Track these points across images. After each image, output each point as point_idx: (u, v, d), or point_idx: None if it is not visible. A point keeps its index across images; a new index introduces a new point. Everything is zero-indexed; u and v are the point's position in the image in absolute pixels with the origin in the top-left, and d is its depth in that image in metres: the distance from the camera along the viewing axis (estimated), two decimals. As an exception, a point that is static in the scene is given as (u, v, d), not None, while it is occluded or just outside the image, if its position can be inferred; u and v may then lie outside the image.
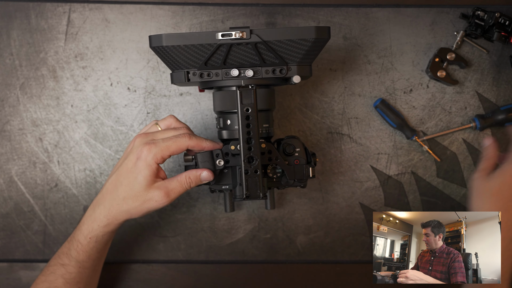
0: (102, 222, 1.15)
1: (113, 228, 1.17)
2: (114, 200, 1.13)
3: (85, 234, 1.16)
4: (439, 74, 1.36)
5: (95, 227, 1.15)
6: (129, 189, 1.11)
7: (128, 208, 1.13)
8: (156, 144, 1.10)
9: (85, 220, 1.17)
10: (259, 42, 1.10)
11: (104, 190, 1.15)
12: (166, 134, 1.13)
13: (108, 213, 1.14)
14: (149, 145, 1.09)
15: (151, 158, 1.09)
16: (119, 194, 1.12)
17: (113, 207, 1.13)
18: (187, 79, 1.13)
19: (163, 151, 1.10)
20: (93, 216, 1.16)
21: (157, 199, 1.12)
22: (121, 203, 1.13)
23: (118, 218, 1.15)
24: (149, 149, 1.09)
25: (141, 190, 1.11)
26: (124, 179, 1.12)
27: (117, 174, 1.13)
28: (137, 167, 1.10)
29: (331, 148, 1.40)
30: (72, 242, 1.18)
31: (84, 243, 1.17)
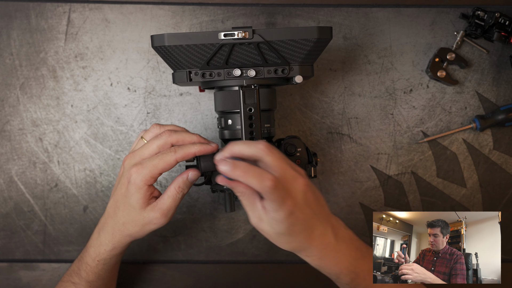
0: (108, 246, 1.14)
1: (120, 251, 1.17)
2: (116, 225, 1.12)
3: (92, 257, 1.16)
4: (439, 74, 1.37)
5: (101, 251, 1.15)
6: (126, 214, 1.09)
7: (130, 233, 1.12)
8: (143, 165, 1.05)
9: (92, 243, 1.16)
10: (261, 42, 1.10)
11: (106, 214, 1.14)
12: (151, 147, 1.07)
13: (112, 238, 1.13)
14: (137, 167, 1.05)
15: (140, 181, 1.05)
16: (119, 220, 1.11)
17: (116, 232, 1.12)
18: (189, 79, 1.13)
19: (151, 171, 1.05)
20: (99, 240, 1.15)
21: (155, 221, 1.09)
22: (122, 228, 1.11)
23: (123, 241, 1.14)
24: (137, 171, 1.05)
25: (137, 215, 1.09)
26: (120, 204, 1.10)
27: (114, 199, 1.12)
28: (129, 191, 1.07)
29: (331, 148, 1.40)
30: (81, 263, 1.18)
31: (93, 265, 1.17)
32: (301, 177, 0.98)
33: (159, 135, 1.08)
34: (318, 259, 1.06)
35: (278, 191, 0.94)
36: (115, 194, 1.11)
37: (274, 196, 0.94)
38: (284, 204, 0.95)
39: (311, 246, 1.03)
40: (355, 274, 1.09)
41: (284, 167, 0.97)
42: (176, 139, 1.07)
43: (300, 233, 1.01)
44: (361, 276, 1.10)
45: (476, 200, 1.41)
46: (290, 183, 0.97)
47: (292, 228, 0.99)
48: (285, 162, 0.98)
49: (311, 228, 1.02)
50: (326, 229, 1.04)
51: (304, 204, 0.99)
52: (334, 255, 1.06)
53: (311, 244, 1.03)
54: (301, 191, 0.98)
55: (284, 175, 0.97)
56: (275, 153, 0.97)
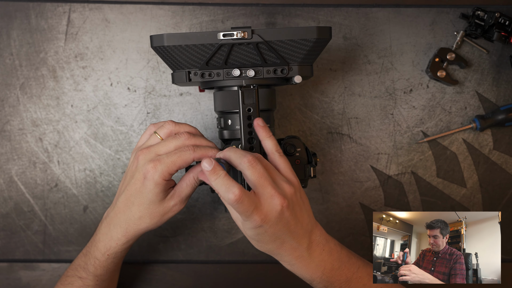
0: (121, 240, 1.14)
1: (131, 244, 1.17)
2: (130, 219, 1.11)
3: (102, 251, 1.16)
4: (439, 74, 1.37)
5: (113, 245, 1.15)
6: (144, 208, 1.10)
7: (147, 226, 1.12)
8: (161, 161, 1.06)
9: (101, 238, 1.16)
10: (260, 42, 1.10)
11: (116, 209, 1.13)
12: (168, 145, 1.08)
13: (126, 232, 1.13)
14: (154, 163, 1.06)
15: (158, 177, 1.06)
16: (134, 214, 1.11)
17: (130, 226, 1.12)
18: (188, 79, 1.13)
19: (169, 167, 1.05)
20: (110, 234, 1.14)
21: (175, 209, 1.11)
22: (138, 222, 1.11)
23: (137, 235, 1.14)
24: (154, 167, 1.05)
25: (156, 207, 1.09)
26: (135, 199, 1.10)
27: (126, 194, 1.11)
28: (146, 187, 1.07)
29: (331, 148, 1.40)
30: (88, 257, 1.18)
31: (102, 259, 1.16)
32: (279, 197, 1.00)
33: (178, 135, 1.09)
34: (289, 265, 1.10)
35: (243, 205, 0.97)
36: (128, 189, 1.11)
37: (239, 209, 0.97)
38: (250, 218, 0.99)
39: (281, 254, 1.07)
40: (328, 283, 1.11)
41: (263, 184, 1.00)
42: (194, 143, 1.09)
43: (268, 243, 1.05)
44: (336, 285, 1.11)
45: (476, 200, 1.41)
46: (266, 200, 1.00)
47: (259, 237, 1.04)
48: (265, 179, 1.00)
49: (281, 241, 1.05)
50: (300, 245, 1.07)
51: (276, 221, 1.01)
52: (305, 265, 1.09)
53: (280, 253, 1.07)
54: (276, 210, 1.00)
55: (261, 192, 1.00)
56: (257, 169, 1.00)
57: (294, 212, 1.04)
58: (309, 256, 1.08)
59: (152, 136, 1.13)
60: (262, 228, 1.00)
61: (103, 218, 1.17)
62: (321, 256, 1.09)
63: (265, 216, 0.99)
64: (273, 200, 0.99)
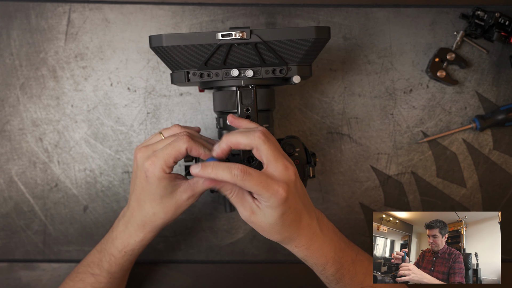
0: (139, 237, 1.15)
1: (149, 241, 1.17)
2: (146, 216, 1.12)
3: (119, 248, 1.16)
4: (439, 74, 1.37)
5: (131, 242, 1.15)
6: (156, 204, 1.10)
7: (163, 221, 1.12)
8: (157, 156, 1.06)
9: (119, 235, 1.16)
10: (259, 42, 1.10)
11: (131, 209, 1.14)
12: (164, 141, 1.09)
13: (144, 228, 1.13)
14: (151, 159, 1.06)
15: (158, 171, 1.06)
16: (148, 211, 1.11)
17: (147, 223, 1.13)
18: (187, 79, 1.13)
19: (166, 160, 1.05)
20: (128, 232, 1.15)
21: (189, 202, 1.11)
22: (153, 219, 1.12)
23: (155, 230, 1.15)
24: (152, 163, 1.06)
25: (168, 200, 1.09)
26: (145, 197, 1.10)
27: (136, 194, 1.12)
28: (151, 184, 1.07)
29: (331, 148, 1.40)
30: (103, 254, 1.18)
31: (119, 256, 1.17)
32: (292, 167, 1.01)
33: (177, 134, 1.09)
34: (305, 249, 1.08)
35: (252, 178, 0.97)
36: (136, 188, 1.11)
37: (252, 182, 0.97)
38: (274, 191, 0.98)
39: (300, 235, 1.06)
40: (340, 264, 1.11)
41: (278, 157, 1.00)
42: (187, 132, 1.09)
43: (290, 223, 1.03)
44: (345, 266, 1.12)
45: (476, 200, 1.41)
46: (281, 172, 1.00)
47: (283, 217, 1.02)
48: (278, 152, 1.01)
49: (300, 217, 1.05)
50: (312, 219, 1.07)
51: (295, 192, 1.02)
52: (320, 244, 1.08)
53: (299, 234, 1.06)
54: (292, 180, 1.01)
55: (275, 165, 1.00)
56: (271, 143, 1.00)
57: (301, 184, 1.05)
58: (322, 233, 1.08)
59: (156, 135, 1.14)
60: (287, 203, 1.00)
61: (120, 216, 1.18)
62: (329, 234, 1.10)
63: (287, 186, 0.99)
64: (288, 170, 1.00)
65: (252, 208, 1.03)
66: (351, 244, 1.15)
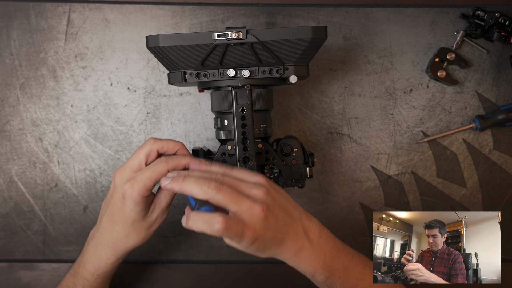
0: (110, 260, 1.15)
1: (120, 262, 1.18)
2: (116, 238, 1.12)
3: (91, 271, 1.16)
4: (439, 74, 1.36)
5: (102, 265, 1.15)
6: (128, 226, 1.10)
7: (134, 242, 1.13)
8: (136, 179, 1.06)
9: (90, 258, 1.16)
10: (255, 42, 1.10)
11: (102, 229, 1.14)
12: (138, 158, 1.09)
13: (115, 251, 1.14)
14: (131, 182, 1.06)
15: (136, 195, 1.05)
16: (119, 233, 1.11)
17: (118, 245, 1.13)
18: (184, 79, 1.13)
19: (145, 184, 1.05)
20: (98, 255, 1.15)
21: (158, 220, 1.12)
22: (125, 241, 1.12)
23: (125, 252, 1.15)
24: (131, 187, 1.05)
25: (140, 224, 1.10)
26: (118, 219, 1.10)
27: (109, 214, 1.12)
28: (126, 206, 1.07)
29: (331, 148, 1.40)
30: (77, 278, 1.18)
31: (91, 279, 1.17)
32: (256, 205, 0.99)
33: (144, 143, 1.09)
34: (292, 261, 1.08)
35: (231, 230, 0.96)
36: (109, 209, 1.11)
37: (230, 235, 0.97)
38: (243, 237, 0.98)
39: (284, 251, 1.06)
40: (329, 273, 1.10)
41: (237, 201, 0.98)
42: (161, 146, 1.09)
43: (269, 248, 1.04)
44: (335, 274, 1.11)
45: (476, 200, 1.40)
46: (246, 214, 0.99)
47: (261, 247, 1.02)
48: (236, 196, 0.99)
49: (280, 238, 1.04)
50: (297, 234, 1.06)
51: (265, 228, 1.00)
52: (308, 255, 1.08)
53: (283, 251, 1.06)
54: (260, 219, 0.99)
55: (239, 209, 0.98)
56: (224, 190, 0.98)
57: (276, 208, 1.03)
58: (309, 243, 1.07)
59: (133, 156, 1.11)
60: (257, 241, 1.00)
61: (89, 238, 1.18)
62: (319, 243, 1.09)
63: (255, 229, 0.99)
64: (253, 210, 0.98)
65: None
66: (345, 249, 1.14)
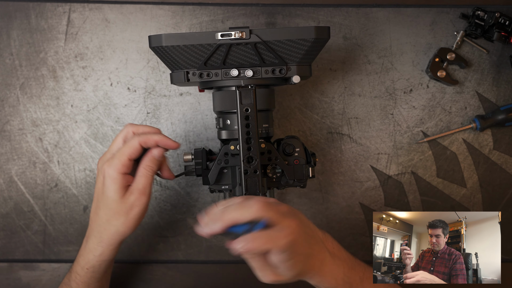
0: (97, 251, 1.15)
1: (109, 257, 1.17)
2: (100, 226, 1.13)
3: (82, 265, 1.17)
4: (439, 74, 1.36)
5: (90, 258, 1.16)
6: (108, 209, 1.11)
7: (116, 228, 1.12)
8: (114, 157, 1.10)
9: (81, 252, 1.18)
10: (258, 42, 1.10)
11: (90, 221, 1.16)
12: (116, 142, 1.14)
13: (100, 240, 1.14)
14: (108, 161, 1.10)
15: (113, 171, 1.09)
16: (102, 218, 1.12)
17: (102, 233, 1.13)
18: (187, 79, 1.13)
19: (120, 159, 1.09)
20: (87, 247, 1.16)
21: (137, 203, 1.11)
22: (107, 227, 1.13)
23: (111, 242, 1.15)
24: (108, 165, 1.09)
25: (118, 204, 1.10)
26: (100, 203, 1.12)
27: (94, 202, 1.14)
28: (105, 186, 1.10)
29: (331, 148, 1.40)
30: (71, 273, 1.20)
31: (82, 273, 1.18)
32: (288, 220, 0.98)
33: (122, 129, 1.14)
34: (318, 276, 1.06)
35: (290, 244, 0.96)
36: (94, 196, 1.14)
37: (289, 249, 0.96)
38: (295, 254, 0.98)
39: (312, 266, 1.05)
40: (349, 285, 1.10)
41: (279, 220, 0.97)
42: (137, 128, 1.13)
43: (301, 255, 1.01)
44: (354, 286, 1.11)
45: (476, 200, 1.41)
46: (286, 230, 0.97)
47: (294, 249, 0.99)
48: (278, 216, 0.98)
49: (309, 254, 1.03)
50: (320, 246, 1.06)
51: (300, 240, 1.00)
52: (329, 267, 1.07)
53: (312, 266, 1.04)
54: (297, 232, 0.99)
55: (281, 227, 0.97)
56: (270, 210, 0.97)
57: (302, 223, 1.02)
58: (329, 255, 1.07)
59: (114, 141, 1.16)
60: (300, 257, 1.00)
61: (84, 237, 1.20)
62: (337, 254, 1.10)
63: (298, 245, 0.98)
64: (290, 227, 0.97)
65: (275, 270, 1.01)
66: (357, 261, 1.14)
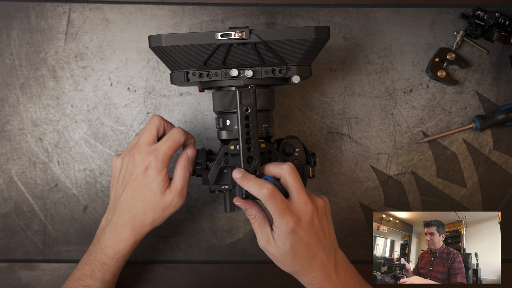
0: (129, 241, 1.16)
1: (138, 243, 1.19)
2: (136, 217, 1.14)
3: (111, 256, 1.17)
4: (439, 74, 1.36)
5: (122, 247, 1.17)
6: (147, 201, 1.13)
7: (152, 220, 1.15)
8: (158, 150, 1.12)
9: (108, 243, 1.17)
10: (258, 42, 1.10)
11: (119, 211, 1.16)
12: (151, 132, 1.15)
13: (133, 231, 1.15)
14: (153, 153, 1.12)
15: (160, 164, 1.11)
16: (138, 210, 1.14)
17: (137, 224, 1.15)
18: (187, 79, 1.13)
19: (167, 153, 1.12)
20: (117, 238, 1.16)
21: (174, 203, 1.14)
22: (143, 218, 1.14)
23: (144, 232, 1.17)
24: (155, 157, 1.11)
25: (158, 199, 1.13)
26: (138, 194, 1.13)
27: (128, 192, 1.14)
28: (148, 177, 1.12)
29: (331, 148, 1.40)
30: (95, 265, 1.18)
31: (111, 264, 1.18)
32: (311, 204, 1.05)
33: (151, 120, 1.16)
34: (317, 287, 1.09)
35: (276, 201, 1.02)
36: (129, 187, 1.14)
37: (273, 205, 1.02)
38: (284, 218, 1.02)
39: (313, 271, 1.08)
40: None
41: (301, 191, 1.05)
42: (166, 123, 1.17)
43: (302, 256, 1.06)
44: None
45: (476, 200, 1.41)
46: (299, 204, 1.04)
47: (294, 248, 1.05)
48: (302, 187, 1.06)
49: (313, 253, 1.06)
50: (329, 261, 1.09)
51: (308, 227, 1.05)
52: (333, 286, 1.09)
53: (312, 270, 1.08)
54: (308, 215, 1.04)
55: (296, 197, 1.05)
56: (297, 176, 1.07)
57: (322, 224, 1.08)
58: (336, 275, 1.09)
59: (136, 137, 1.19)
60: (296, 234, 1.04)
61: (104, 225, 1.19)
62: (345, 278, 1.11)
63: (298, 219, 1.03)
64: (307, 205, 1.04)
65: (269, 238, 1.06)
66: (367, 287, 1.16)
